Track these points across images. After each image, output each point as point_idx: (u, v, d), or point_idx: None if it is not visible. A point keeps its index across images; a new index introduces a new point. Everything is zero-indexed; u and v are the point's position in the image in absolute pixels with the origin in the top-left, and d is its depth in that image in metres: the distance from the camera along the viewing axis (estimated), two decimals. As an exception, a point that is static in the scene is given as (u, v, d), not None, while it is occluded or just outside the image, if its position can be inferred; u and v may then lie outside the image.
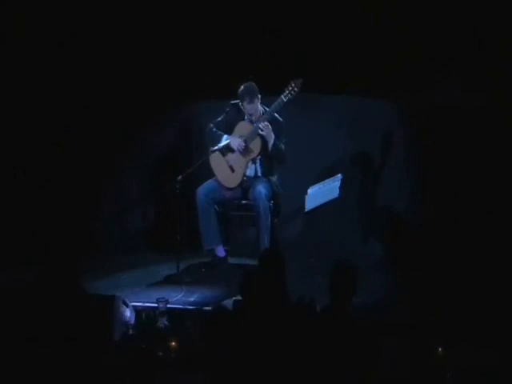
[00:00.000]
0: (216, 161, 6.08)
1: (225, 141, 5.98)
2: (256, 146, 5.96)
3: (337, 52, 6.41)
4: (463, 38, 6.20)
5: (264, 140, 5.89)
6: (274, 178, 6.09)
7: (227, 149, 6.03)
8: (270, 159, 6.02)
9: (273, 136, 5.85)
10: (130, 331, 4.86)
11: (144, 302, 5.27)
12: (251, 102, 5.84)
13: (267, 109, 5.91)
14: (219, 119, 6.09)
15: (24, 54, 6.50)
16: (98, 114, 6.70)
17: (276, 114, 5.91)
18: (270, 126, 5.83)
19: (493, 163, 6.22)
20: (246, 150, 5.98)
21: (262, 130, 5.82)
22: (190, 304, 5.42)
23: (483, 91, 6.21)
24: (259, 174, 6.07)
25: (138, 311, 5.07)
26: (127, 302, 4.97)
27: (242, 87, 5.87)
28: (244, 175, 6.05)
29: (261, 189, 5.91)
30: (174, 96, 6.79)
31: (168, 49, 6.66)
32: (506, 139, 6.19)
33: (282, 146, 5.92)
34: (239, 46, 6.50)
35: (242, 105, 5.91)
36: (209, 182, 6.09)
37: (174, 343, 4.58)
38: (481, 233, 6.09)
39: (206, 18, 6.56)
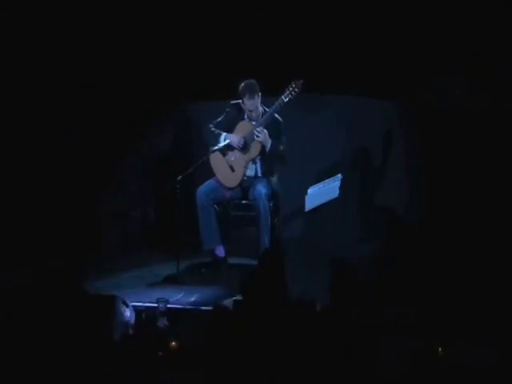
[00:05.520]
0: (216, 160, 6.08)
1: (224, 140, 5.99)
2: (256, 145, 5.96)
3: (337, 52, 6.41)
4: (464, 37, 6.20)
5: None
6: (274, 178, 6.10)
7: (227, 148, 6.03)
8: (269, 159, 6.03)
9: (269, 140, 5.87)
10: (130, 331, 4.85)
11: (144, 302, 5.27)
12: (251, 97, 5.84)
13: (268, 109, 5.92)
14: (219, 119, 6.10)
15: (24, 55, 6.50)
16: (99, 114, 6.70)
17: (276, 115, 5.92)
18: (265, 131, 5.84)
19: (493, 163, 6.22)
20: (245, 148, 5.98)
21: (257, 136, 5.85)
22: (190, 304, 5.42)
23: (484, 91, 6.21)
24: (259, 174, 6.08)
25: (138, 311, 5.06)
26: (127, 302, 4.96)
27: (243, 84, 5.88)
28: (244, 175, 6.05)
29: (261, 189, 5.92)
30: (174, 96, 6.79)
31: (168, 49, 6.66)
32: (507, 139, 6.19)
33: (281, 147, 5.93)
34: (240, 46, 6.50)
35: (243, 101, 5.91)
36: (209, 182, 6.10)
37: (174, 343, 4.57)
38: (481, 233, 6.09)
39: (206, 19, 6.57)
